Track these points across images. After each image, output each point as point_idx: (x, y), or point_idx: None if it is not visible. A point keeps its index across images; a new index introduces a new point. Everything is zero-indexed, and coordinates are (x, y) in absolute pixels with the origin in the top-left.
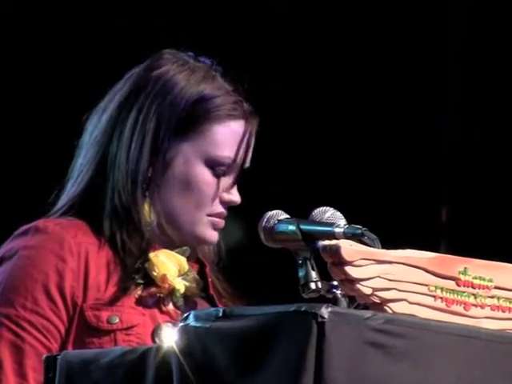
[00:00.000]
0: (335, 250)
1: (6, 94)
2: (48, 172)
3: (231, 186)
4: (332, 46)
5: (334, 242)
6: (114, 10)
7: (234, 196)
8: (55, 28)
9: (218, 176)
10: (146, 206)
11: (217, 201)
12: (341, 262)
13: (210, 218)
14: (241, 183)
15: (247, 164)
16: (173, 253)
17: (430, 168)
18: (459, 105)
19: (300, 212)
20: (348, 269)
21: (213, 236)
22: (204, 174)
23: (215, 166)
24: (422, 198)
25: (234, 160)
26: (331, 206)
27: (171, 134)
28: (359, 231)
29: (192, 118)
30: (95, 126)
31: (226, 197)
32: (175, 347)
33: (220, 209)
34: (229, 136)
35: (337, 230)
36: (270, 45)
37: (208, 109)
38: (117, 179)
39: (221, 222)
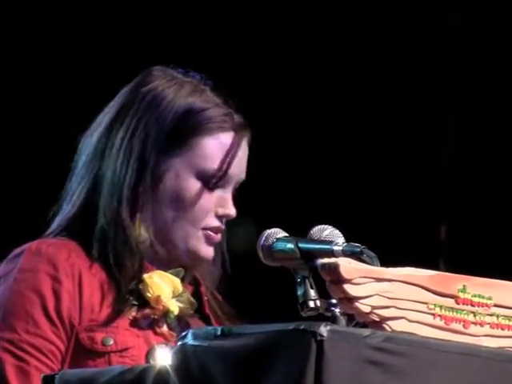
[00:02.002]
0: (334, 268)
1: (6, 95)
2: (46, 190)
3: (226, 200)
4: (332, 46)
5: (332, 260)
6: (114, 10)
7: (229, 209)
8: (55, 28)
9: (210, 189)
10: (137, 224)
11: (211, 214)
12: (339, 280)
13: (205, 231)
14: (241, 199)
15: (243, 177)
16: (167, 274)
17: (429, 185)
18: (460, 124)
19: (298, 230)
20: (347, 287)
21: (207, 252)
22: (196, 188)
23: (207, 179)
24: (421, 216)
25: (225, 172)
26: (330, 224)
27: (159, 149)
28: (358, 249)
29: (181, 132)
30: (87, 148)
31: (221, 210)
32: (173, 366)
33: (216, 223)
34: (219, 148)
35: (335, 248)
36: (270, 45)
37: (197, 121)
38: (104, 198)
39: (216, 237)
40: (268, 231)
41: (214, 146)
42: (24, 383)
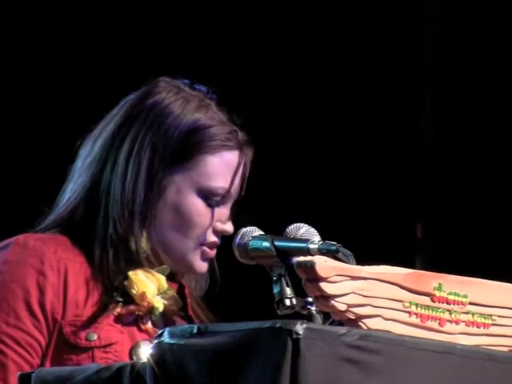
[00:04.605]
0: (310, 267)
1: (5, 95)
2: (37, 193)
3: (225, 216)
4: (332, 46)
5: (308, 258)
6: (114, 10)
7: (227, 226)
8: (55, 28)
9: (211, 206)
10: (144, 236)
11: (210, 230)
12: (315, 279)
13: (202, 247)
14: None
15: (242, 193)
16: (152, 271)
17: (405, 183)
18: (437, 131)
19: (274, 228)
20: (323, 285)
21: (202, 267)
22: (196, 204)
23: (208, 197)
24: (397, 214)
25: (228, 190)
26: (306, 222)
27: (165, 165)
28: (334, 247)
29: (185, 148)
30: (88, 153)
31: (220, 227)
32: (150, 364)
33: (213, 238)
34: (222, 166)
35: (311, 246)
36: (270, 45)
37: (201, 139)
38: (112, 208)
39: (211, 253)
40: (244, 229)
41: (218, 165)
42: (1, 376)
